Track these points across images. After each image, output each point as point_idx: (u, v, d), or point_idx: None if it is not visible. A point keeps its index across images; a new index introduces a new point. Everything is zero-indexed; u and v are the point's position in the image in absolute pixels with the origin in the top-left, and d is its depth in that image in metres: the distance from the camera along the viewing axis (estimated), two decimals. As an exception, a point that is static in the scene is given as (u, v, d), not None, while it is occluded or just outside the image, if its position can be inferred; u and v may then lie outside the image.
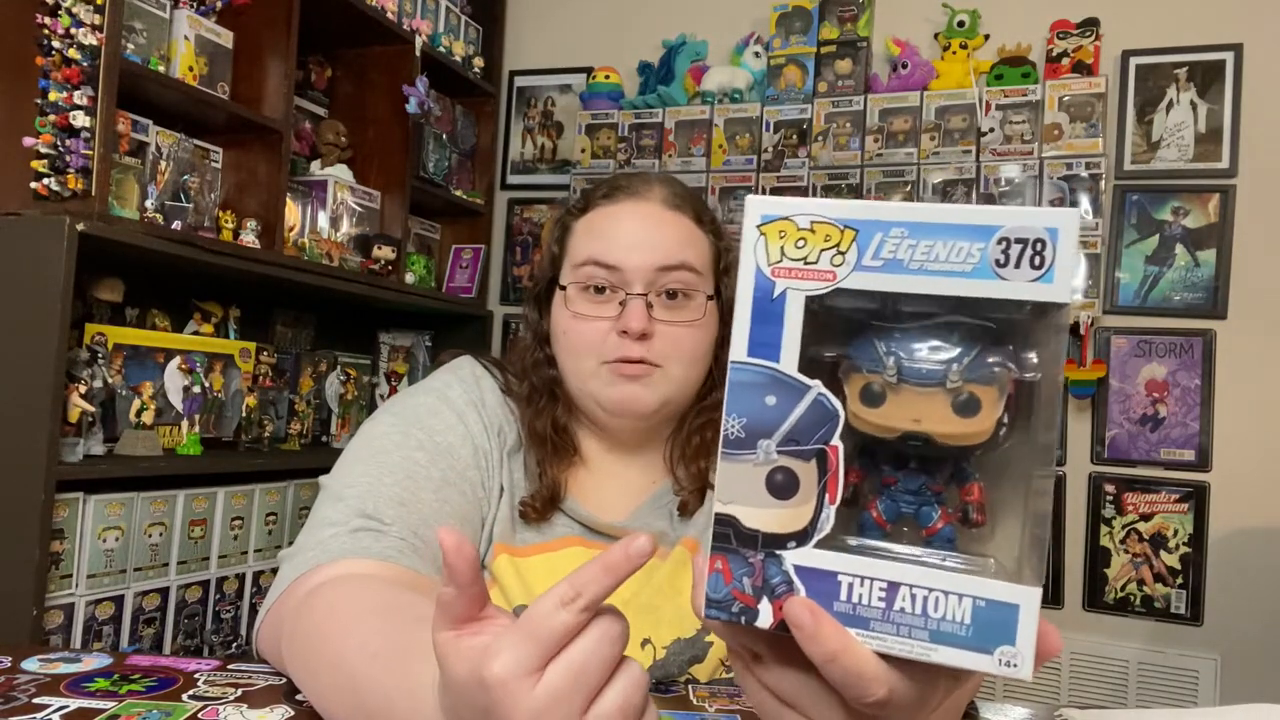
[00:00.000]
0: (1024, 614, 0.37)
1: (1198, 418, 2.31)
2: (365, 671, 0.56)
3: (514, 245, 2.99)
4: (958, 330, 0.39)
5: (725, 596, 0.41)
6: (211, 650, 1.97)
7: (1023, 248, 0.37)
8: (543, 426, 0.92)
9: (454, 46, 2.76)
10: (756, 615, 0.40)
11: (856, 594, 0.39)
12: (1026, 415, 0.39)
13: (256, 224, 2.05)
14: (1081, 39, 2.39)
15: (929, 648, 0.38)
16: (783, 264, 0.40)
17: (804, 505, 0.40)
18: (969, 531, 0.40)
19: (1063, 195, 2.35)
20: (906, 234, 0.39)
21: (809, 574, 0.40)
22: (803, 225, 0.40)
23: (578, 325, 0.89)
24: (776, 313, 0.40)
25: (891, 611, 0.39)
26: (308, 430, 2.45)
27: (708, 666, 0.86)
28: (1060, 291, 0.37)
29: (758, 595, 0.40)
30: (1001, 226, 0.38)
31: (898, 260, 0.39)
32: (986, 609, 0.37)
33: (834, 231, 0.40)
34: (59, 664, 0.75)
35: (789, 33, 2.62)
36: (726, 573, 0.40)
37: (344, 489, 0.82)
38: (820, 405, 0.40)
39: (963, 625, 0.38)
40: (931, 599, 0.38)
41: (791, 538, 0.40)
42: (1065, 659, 2.34)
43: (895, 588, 0.39)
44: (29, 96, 1.66)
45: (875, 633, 0.39)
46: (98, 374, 1.75)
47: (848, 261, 0.39)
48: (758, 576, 0.40)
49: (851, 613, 0.39)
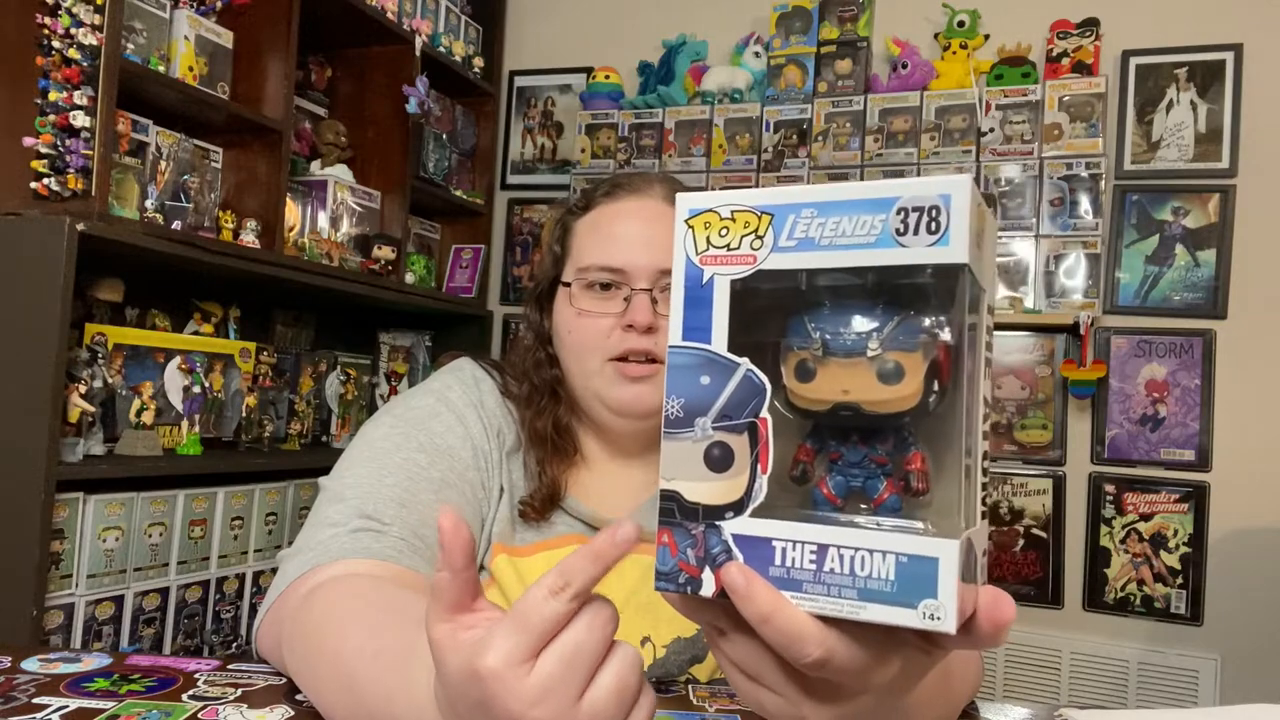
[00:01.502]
0: (943, 566, 0.38)
1: (1198, 418, 2.31)
2: (366, 671, 0.56)
3: (514, 245, 2.99)
4: (881, 303, 0.41)
5: (672, 569, 0.43)
6: (211, 650, 1.97)
7: (920, 215, 0.40)
8: (543, 426, 0.92)
9: (454, 46, 2.76)
10: (700, 584, 0.42)
11: (789, 558, 0.41)
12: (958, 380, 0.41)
13: (256, 224, 2.05)
14: (1081, 39, 2.39)
15: (858, 606, 0.39)
16: (709, 252, 0.43)
17: (739, 477, 0.42)
18: (914, 500, 0.41)
19: (1063, 196, 2.35)
20: (816, 213, 0.41)
21: (746, 541, 0.41)
22: (724, 215, 0.43)
23: (582, 322, 0.89)
24: (706, 298, 0.43)
25: (822, 573, 0.40)
26: (308, 430, 2.45)
27: (708, 666, 0.87)
28: (957, 253, 0.39)
29: (700, 565, 0.42)
30: (899, 198, 0.40)
31: (810, 239, 0.41)
32: (909, 564, 0.39)
33: (752, 218, 0.42)
34: (59, 664, 0.75)
35: (789, 33, 2.62)
36: (672, 546, 0.43)
37: (344, 490, 0.82)
38: (749, 380, 0.42)
39: (887, 582, 0.39)
40: (858, 558, 0.39)
41: (729, 508, 0.42)
42: (1065, 659, 2.34)
43: (824, 550, 0.40)
44: (29, 96, 1.66)
45: (808, 594, 0.40)
46: (98, 374, 1.75)
47: (765, 244, 0.42)
48: (700, 547, 0.42)
49: (786, 576, 0.40)
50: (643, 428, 0.92)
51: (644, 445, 0.95)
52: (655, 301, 0.87)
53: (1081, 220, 2.33)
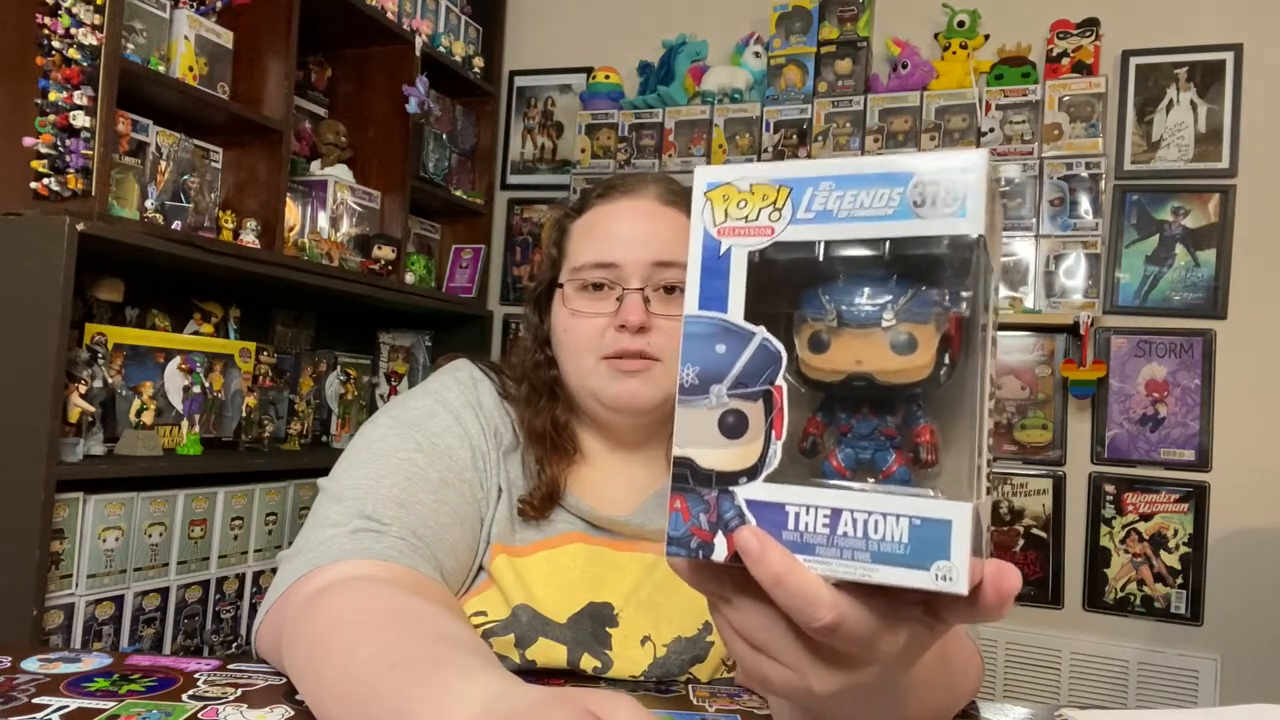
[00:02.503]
0: (956, 529, 0.39)
1: (1198, 418, 2.31)
2: (380, 682, 0.56)
3: (514, 245, 2.99)
4: (895, 275, 0.42)
5: (684, 534, 0.43)
6: (211, 650, 1.97)
7: (937, 189, 0.40)
8: (542, 425, 0.92)
9: (454, 46, 2.76)
10: (713, 549, 0.42)
11: (803, 522, 0.41)
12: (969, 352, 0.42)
13: (256, 224, 2.05)
14: (1081, 39, 2.39)
15: (870, 568, 0.40)
16: (727, 224, 0.44)
17: (753, 443, 0.42)
18: (923, 472, 0.41)
19: (1063, 196, 2.35)
20: (834, 186, 0.42)
21: (759, 507, 0.42)
22: (743, 188, 0.44)
23: (576, 322, 0.90)
24: (723, 268, 0.43)
25: (835, 536, 0.41)
26: (308, 430, 2.45)
27: (708, 666, 0.86)
28: (973, 225, 0.40)
29: (713, 530, 0.43)
30: (917, 172, 0.41)
31: (828, 211, 0.42)
32: (922, 527, 0.39)
33: (770, 191, 0.43)
34: (59, 664, 0.75)
35: (789, 33, 2.62)
36: (685, 511, 0.43)
37: (343, 490, 0.82)
38: (765, 349, 0.43)
39: (901, 544, 0.40)
40: (871, 522, 0.40)
41: (743, 474, 0.42)
42: (1065, 659, 2.34)
43: (838, 513, 0.41)
44: (29, 96, 1.66)
45: (820, 558, 0.41)
46: (98, 374, 1.75)
47: (784, 216, 0.43)
48: (713, 512, 0.43)
49: (799, 540, 0.41)
50: (640, 422, 0.92)
51: (643, 439, 0.95)
52: (648, 301, 0.88)
53: (1081, 220, 2.33)
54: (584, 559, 0.89)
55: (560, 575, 0.88)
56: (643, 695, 0.79)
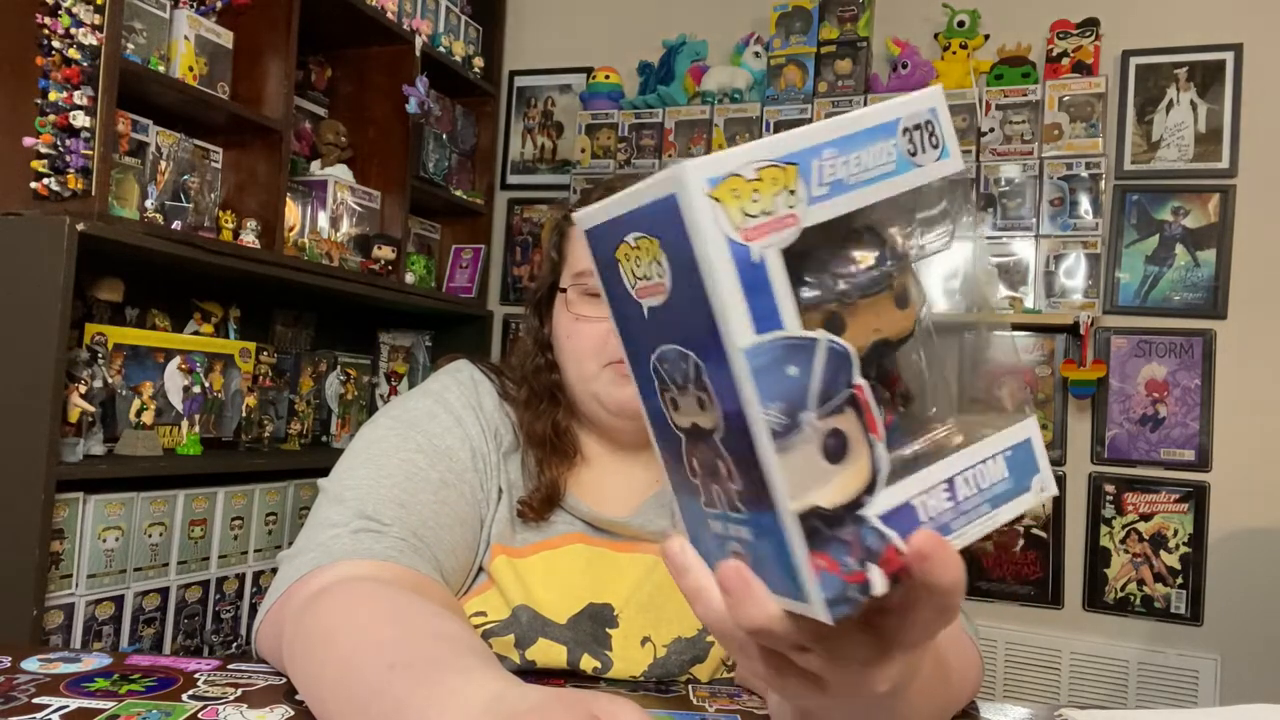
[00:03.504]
0: (1035, 441, 0.42)
1: (1198, 418, 2.31)
2: (380, 682, 0.56)
3: (514, 245, 2.99)
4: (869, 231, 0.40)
5: (840, 591, 0.37)
6: (211, 650, 1.97)
7: (920, 133, 0.40)
8: (543, 429, 0.92)
9: (454, 46, 2.75)
10: (869, 586, 0.38)
11: (930, 507, 0.39)
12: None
13: (256, 224, 2.05)
14: (1081, 39, 2.39)
15: (992, 516, 0.41)
16: (749, 224, 0.36)
17: (860, 456, 0.38)
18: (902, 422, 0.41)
19: (1062, 196, 2.35)
20: (837, 152, 0.38)
21: (890, 517, 0.38)
22: (749, 176, 0.37)
23: (579, 328, 0.89)
24: (762, 278, 0.36)
25: (959, 503, 0.40)
26: (308, 430, 2.45)
27: (708, 666, 0.86)
28: (956, 163, 0.40)
29: (863, 565, 0.38)
30: (900, 118, 0.39)
31: (839, 180, 0.38)
32: (1014, 454, 0.41)
33: (778, 172, 0.37)
34: (59, 664, 0.75)
35: (789, 33, 2.62)
36: (832, 566, 0.37)
37: (343, 491, 0.82)
38: (833, 351, 0.37)
39: (1004, 480, 0.41)
40: (980, 473, 0.41)
41: (864, 492, 0.38)
42: (1065, 659, 2.34)
43: (953, 482, 0.40)
44: (29, 96, 1.66)
45: (956, 532, 0.40)
46: (98, 374, 1.75)
47: (800, 198, 0.37)
48: (857, 549, 0.37)
49: (935, 526, 0.39)
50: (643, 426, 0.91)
51: (644, 442, 0.94)
52: None
53: (1081, 220, 2.33)
54: (584, 560, 0.89)
55: (560, 576, 0.88)
56: (643, 696, 0.79)
